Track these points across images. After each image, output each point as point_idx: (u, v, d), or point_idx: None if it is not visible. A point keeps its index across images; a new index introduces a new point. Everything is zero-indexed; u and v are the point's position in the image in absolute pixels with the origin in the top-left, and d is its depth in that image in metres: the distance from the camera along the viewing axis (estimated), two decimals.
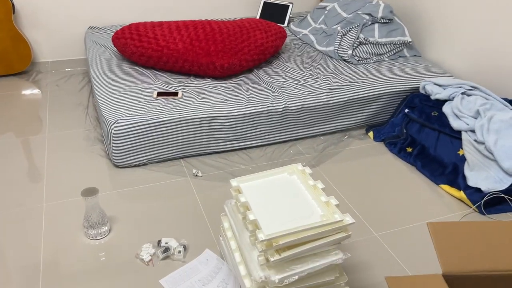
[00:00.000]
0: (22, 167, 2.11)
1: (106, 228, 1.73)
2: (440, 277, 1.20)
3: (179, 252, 1.63)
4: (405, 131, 2.41)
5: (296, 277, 1.25)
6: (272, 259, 1.22)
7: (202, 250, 1.68)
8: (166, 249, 1.63)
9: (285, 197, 1.37)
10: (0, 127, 2.45)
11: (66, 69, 3.21)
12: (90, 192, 1.64)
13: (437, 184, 2.12)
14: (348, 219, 1.28)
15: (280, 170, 1.49)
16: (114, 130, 2.03)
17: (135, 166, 2.15)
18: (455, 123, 2.16)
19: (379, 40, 2.84)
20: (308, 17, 3.39)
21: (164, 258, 1.63)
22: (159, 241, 1.68)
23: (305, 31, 3.26)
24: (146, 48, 2.47)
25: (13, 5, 2.92)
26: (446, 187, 2.08)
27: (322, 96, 2.37)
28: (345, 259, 1.32)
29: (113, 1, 3.25)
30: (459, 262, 1.25)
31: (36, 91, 2.90)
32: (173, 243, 1.66)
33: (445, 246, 1.28)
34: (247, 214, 1.29)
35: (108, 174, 2.09)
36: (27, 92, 2.88)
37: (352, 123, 2.51)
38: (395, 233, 1.80)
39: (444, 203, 1.99)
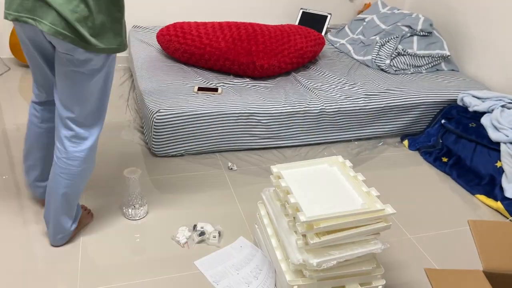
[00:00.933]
0: None
1: (145, 209, 1.78)
2: (481, 272, 1.19)
3: (214, 237, 1.65)
4: (441, 141, 2.40)
5: (335, 262, 1.26)
6: (312, 242, 1.23)
7: (236, 237, 1.71)
8: (202, 233, 1.66)
9: (325, 186, 1.39)
10: None
11: None
12: (132, 172, 1.70)
13: (473, 194, 2.09)
14: (389, 210, 1.29)
15: (320, 160, 1.51)
16: (156, 119, 2.10)
17: (172, 156, 2.21)
18: (494, 135, 2.14)
19: (418, 52, 2.85)
20: (346, 28, 3.43)
21: (199, 242, 1.66)
22: (195, 225, 1.71)
23: (343, 41, 3.30)
24: (189, 45, 2.55)
25: None
26: (482, 197, 2.05)
27: (359, 101, 2.39)
28: (383, 250, 1.32)
29: (157, 2, 3.37)
30: (500, 260, 1.24)
31: None
32: (208, 228, 1.69)
33: (486, 243, 1.27)
34: (288, 197, 1.31)
35: (146, 162, 2.15)
36: None
37: (388, 131, 2.51)
38: (430, 237, 1.79)
39: (479, 213, 1.97)
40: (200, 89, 2.33)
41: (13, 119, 2.45)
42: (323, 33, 3.53)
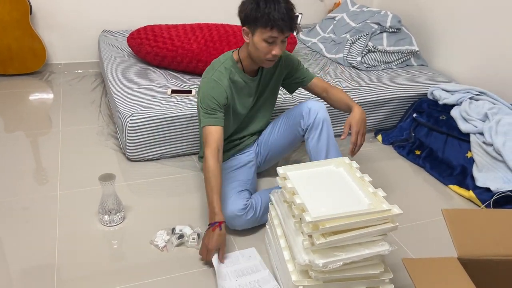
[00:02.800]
0: (37, 160, 2.14)
1: (121, 215, 1.75)
2: (456, 260, 1.21)
3: (193, 239, 1.64)
4: (413, 134, 2.45)
5: (341, 263, 1.25)
6: (318, 242, 1.22)
7: None
8: (181, 236, 1.65)
9: (331, 186, 1.39)
10: (14, 123, 2.48)
11: (78, 71, 3.27)
12: (107, 177, 1.67)
13: (446, 184, 2.14)
14: (396, 210, 1.28)
15: (326, 162, 1.52)
16: (130, 123, 2.07)
17: (148, 160, 2.18)
18: (463, 126, 2.20)
19: (388, 48, 2.90)
20: (317, 27, 3.47)
21: (178, 245, 1.64)
22: (173, 229, 1.69)
23: (314, 40, 3.33)
24: (161, 48, 2.53)
25: (30, 6, 2.99)
26: (455, 187, 2.10)
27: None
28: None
29: (127, 6, 3.33)
30: (474, 247, 1.27)
31: (49, 90, 2.95)
32: (187, 230, 1.67)
33: (459, 231, 1.30)
34: (293, 198, 1.30)
35: (121, 167, 2.12)
36: (40, 90, 2.93)
37: None
38: (406, 228, 1.82)
39: (453, 202, 2.02)
40: (173, 91, 2.31)
41: None
42: (295, 33, 3.55)
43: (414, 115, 2.48)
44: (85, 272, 1.51)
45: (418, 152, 2.35)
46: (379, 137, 2.54)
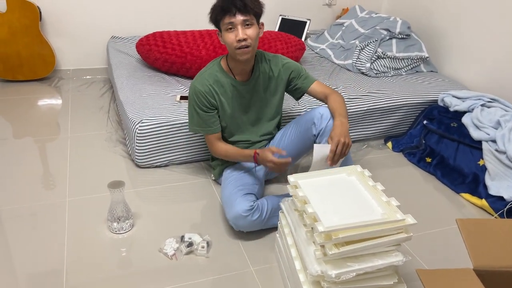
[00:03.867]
0: (45, 166, 2.14)
1: (130, 222, 1.74)
2: (471, 271, 1.19)
3: (203, 247, 1.63)
4: (423, 141, 2.42)
5: (354, 274, 1.22)
6: (330, 253, 1.20)
7: (225, 246, 1.68)
8: (190, 244, 1.63)
9: (344, 195, 1.37)
10: (23, 129, 2.49)
11: (87, 77, 3.28)
12: (116, 184, 1.66)
13: (458, 192, 2.11)
14: (410, 220, 1.26)
15: (338, 170, 1.49)
16: (139, 130, 2.06)
17: (156, 166, 2.17)
18: (475, 133, 2.17)
19: (397, 54, 2.88)
20: (325, 33, 3.46)
21: (187, 253, 1.63)
22: (183, 237, 1.68)
23: (323, 46, 3.32)
24: (170, 54, 2.53)
25: (40, 12, 3.01)
26: (467, 195, 2.07)
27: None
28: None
29: (135, 13, 3.34)
30: (490, 258, 1.24)
31: (58, 96, 2.95)
32: (196, 238, 1.66)
33: (475, 241, 1.27)
34: (305, 207, 1.28)
35: (130, 174, 2.11)
36: (49, 96, 2.93)
37: (371, 133, 2.53)
38: (417, 237, 1.79)
39: (465, 211, 1.99)
40: (182, 97, 2.31)
41: (7, 133, 2.39)
42: (303, 39, 3.55)
43: (425, 122, 2.46)
44: (94, 279, 1.50)
45: (428, 160, 2.32)
46: (389, 144, 2.52)
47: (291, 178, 1.44)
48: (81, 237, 1.68)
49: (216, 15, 1.59)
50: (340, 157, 1.60)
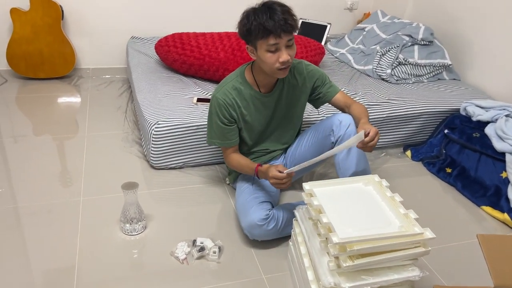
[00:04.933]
0: (62, 164, 2.15)
1: (142, 224, 1.73)
2: None
3: (214, 252, 1.61)
4: (444, 151, 2.36)
5: (368, 287, 1.20)
6: (345, 265, 1.17)
7: (237, 252, 1.66)
8: (202, 249, 1.61)
9: (360, 205, 1.33)
10: (42, 126, 2.51)
11: (106, 76, 3.30)
12: (130, 186, 1.65)
13: (478, 205, 2.05)
14: (429, 234, 1.22)
15: (355, 179, 1.46)
16: (155, 131, 2.06)
17: (171, 168, 2.16)
18: (498, 145, 2.10)
19: (419, 61, 2.82)
20: (346, 37, 3.41)
21: (199, 258, 1.61)
22: (194, 241, 1.66)
23: (343, 51, 3.27)
24: (188, 56, 2.52)
25: (62, 11, 3.04)
26: (488, 208, 2.01)
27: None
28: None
29: (156, 13, 3.36)
30: (511, 276, 1.19)
31: (77, 94, 2.98)
32: (208, 243, 1.64)
33: (496, 258, 1.22)
34: (320, 217, 1.25)
35: (144, 175, 2.11)
36: (68, 95, 2.96)
37: (390, 141, 2.48)
38: (435, 251, 1.74)
39: (486, 225, 1.92)
40: (199, 100, 2.30)
41: (10, 131, 2.42)
42: (322, 43, 3.51)
43: (446, 131, 2.39)
44: (104, 279, 1.49)
45: (449, 170, 2.26)
46: (408, 152, 2.46)
47: (306, 186, 1.41)
48: (93, 237, 1.68)
49: (256, 34, 1.47)
50: (372, 144, 1.50)
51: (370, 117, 2.34)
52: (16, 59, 3.03)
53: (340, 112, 1.83)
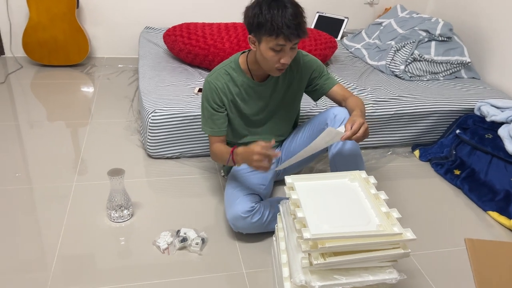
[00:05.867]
0: (61, 149, 2.16)
1: (129, 212, 1.71)
2: None
3: (197, 244, 1.57)
4: (454, 152, 2.24)
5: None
6: (315, 262, 1.11)
7: (221, 245, 1.61)
8: (184, 239, 1.58)
9: (341, 202, 1.27)
10: (49, 111, 2.54)
11: (119, 65, 3.32)
12: (116, 172, 1.63)
13: (485, 210, 1.93)
14: (409, 235, 1.14)
15: (341, 174, 1.39)
16: (151, 119, 2.04)
17: (167, 158, 2.14)
18: (511, 147, 1.98)
19: (435, 58, 2.70)
20: (363, 32, 3.31)
21: (180, 248, 1.58)
22: (178, 231, 1.63)
23: (358, 46, 3.17)
24: (193, 45, 2.49)
25: (77, 0, 3.07)
26: (494, 214, 1.89)
27: (367, 107, 2.26)
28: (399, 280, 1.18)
29: (171, 4, 3.35)
30: (497, 285, 1.10)
31: (87, 82, 3.00)
32: (191, 234, 1.60)
33: (482, 263, 1.13)
34: (296, 211, 1.20)
35: (140, 163, 2.09)
36: (79, 82, 2.99)
37: (397, 139, 2.37)
38: (430, 255, 1.64)
39: (490, 231, 1.80)
40: (200, 90, 2.26)
41: (26, 116, 2.45)
42: (339, 37, 3.42)
43: (457, 131, 2.27)
44: (82, 265, 1.48)
45: (457, 172, 2.14)
46: (417, 152, 2.35)
47: (288, 179, 1.35)
48: (79, 222, 1.68)
49: (266, 30, 1.39)
50: (356, 137, 1.42)
51: (376, 115, 2.26)
52: (31, 46, 3.08)
53: (337, 105, 1.76)
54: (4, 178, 1.91)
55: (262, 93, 1.67)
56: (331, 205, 1.26)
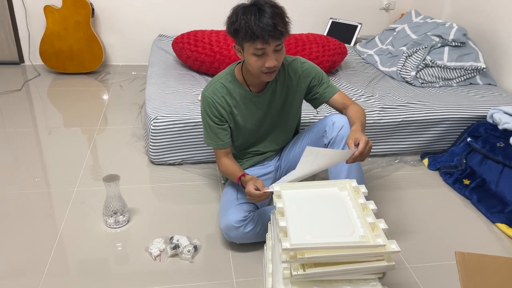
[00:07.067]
0: (65, 155, 2.20)
1: (124, 218, 1.72)
2: None
3: (188, 251, 1.56)
4: (464, 161, 2.16)
5: None
6: (294, 273, 1.08)
7: (214, 253, 1.60)
8: (176, 246, 1.57)
9: (327, 212, 1.23)
10: (58, 117, 2.60)
11: (133, 73, 3.37)
12: (111, 178, 1.65)
13: (493, 222, 1.85)
14: (394, 247, 1.09)
15: (331, 183, 1.35)
16: (153, 126, 2.05)
17: (170, 164, 2.15)
18: None
19: (448, 64, 2.62)
20: (376, 38, 3.25)
21: (172, 256, 1.57)
22: (171, 238, 1.63)
23: (370, 52, 3.12)
24: (200, 53, 2.51)
25: (92, 9, 3.14)
26: (503, 226, 1.80)
27: (373, 114, 2.21)
28: None
29: (184, 12, 3.38)
30: None
31: (100, 89, 3.06)
32: (183, 241, 1.59)
33: (472, 278, 1.08)
34: (278, 220, 1.18)
35: (143, 169, 2.11)
36: (92, 89, 3.05)
37: (405, 147, 2.30)
38: (431, 267, 1.58)
39: (498, 244, 1.72)
40: None
41: (44, 122, 2.52)
42: (352, 43, 3.38)
43: (468, 139, 2.19)
44: (74, 269, 1.49)
45: (466, 182, 2.06)
46: (425, 161, 2.28)
47: (276, 187, 1.33)
48: (75, 228, 1.70)
49: (243, 36, 1.38)
50: (361, 157, 1.39)
51: (382, 122, 2.20)
52: (47, 55, 3.17)
53: (336, 112, 1.72)
54: (1, 183, 1.96)
55: (260, 104, 1.65)
56: (317, 214, 1.22)
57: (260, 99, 1.63)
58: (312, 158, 1.36)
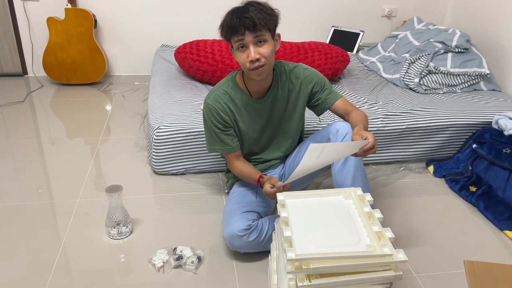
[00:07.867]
0: (70, 166, 2.19)
1: (127, 229, 1.70)
2: None
3: (192, 262, 1.54)
4: (470, 168, 2.14)
5: None
6: (300, 284, 1.06)
7: (218, 264, 1.58)
8: (179, 258, 1.55)
9: (333, 221, 1.22)
10: (61, 128, 2.60)
11: (136, 83, 3.38)
12: (114, 189, 1.63)
13: (501, 229, 1.82)
14: (401, 256, 1.07)
15: (336, 191, 1.34)
16: (156, 135, 2.04)
17: (173, 174, 2.14)
18: None
19: (452, 70, 2.61)
20: (379, 45, 3.25)
21: (176, 267, 1.55)
22: (175, 249, 1.61)
23: (373, 59, 3.11)
24: (202, 62, 2.50)
25: (95, 20, 3.16)
26: (511, 234, 1.77)
27: (377, 121, 2.20)
28: None
29: (186, 22, 3.39)
30: None
31: (102, 99, 3.06)
32: (187, 252, 1.57)
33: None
34: (283, 230, 1.16)
35: (145, 180, 2.09)
36: (95, 100, 3.05)
37: (410, 155, 2.28)
38: (439, 276, 1.55)
39: (507, 252, 1.70)
40: None
41: (48, 133, 2.52)
42: (354, 51, 3.37)
43: (474, 145, 2.17)
44: (78, 281, 1.47)
45: (473, 189, 2.04)
46: (431, 168, 2.26)
47: (280, 196, 1.31)
48: (78, 240, 1.68)
49: (226, 33, 1.44)
50: (373, 151, 1.38)
51: (386, 129, 2.19)
52: (50, 66, 3.18)
53: (340, 120, 1.70)
54: (5, 194, 1.95)
55: (262, 110, 1.64)
56: (322, 224, 1.21)
57: (262, 105, 1.63)
58: (317, 153, 1.34)
